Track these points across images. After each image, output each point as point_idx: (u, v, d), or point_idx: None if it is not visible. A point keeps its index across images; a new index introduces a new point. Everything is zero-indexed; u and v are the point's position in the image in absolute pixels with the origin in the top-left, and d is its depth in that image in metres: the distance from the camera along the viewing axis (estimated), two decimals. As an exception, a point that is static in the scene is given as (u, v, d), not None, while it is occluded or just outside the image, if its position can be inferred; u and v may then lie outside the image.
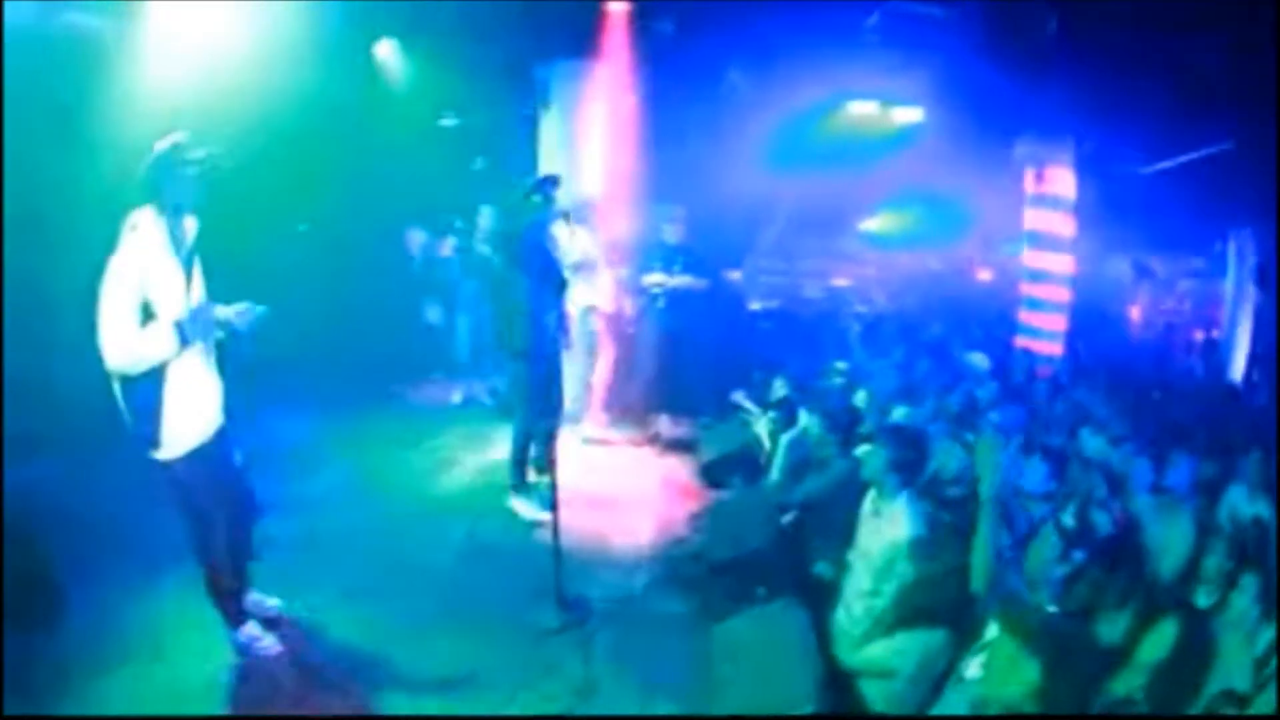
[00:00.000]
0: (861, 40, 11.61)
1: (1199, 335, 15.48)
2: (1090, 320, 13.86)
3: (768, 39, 11.31)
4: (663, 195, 10.79)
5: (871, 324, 12.99)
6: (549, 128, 10.53)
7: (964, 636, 4.98)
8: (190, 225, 5.03)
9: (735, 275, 14.05)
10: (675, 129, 11.59)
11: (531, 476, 8.09)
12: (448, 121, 11.30)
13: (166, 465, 5.07)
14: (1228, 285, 13.92)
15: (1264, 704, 4.38)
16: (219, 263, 5.25)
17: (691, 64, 11.53)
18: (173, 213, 4.90)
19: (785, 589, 5.89)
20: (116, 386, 4.89)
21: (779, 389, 8.78)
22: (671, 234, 10.35)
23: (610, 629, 6.16)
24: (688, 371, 10.62)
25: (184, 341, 4.84)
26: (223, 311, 5.15)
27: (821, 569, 6.20)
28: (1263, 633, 4.98)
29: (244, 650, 5.53)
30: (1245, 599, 5.10)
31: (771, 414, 8.54)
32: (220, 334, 5.21)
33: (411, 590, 6.42)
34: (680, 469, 9.35)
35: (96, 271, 4.67)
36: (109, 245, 4.72)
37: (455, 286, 11.14)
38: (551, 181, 7.61)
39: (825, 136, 13.63)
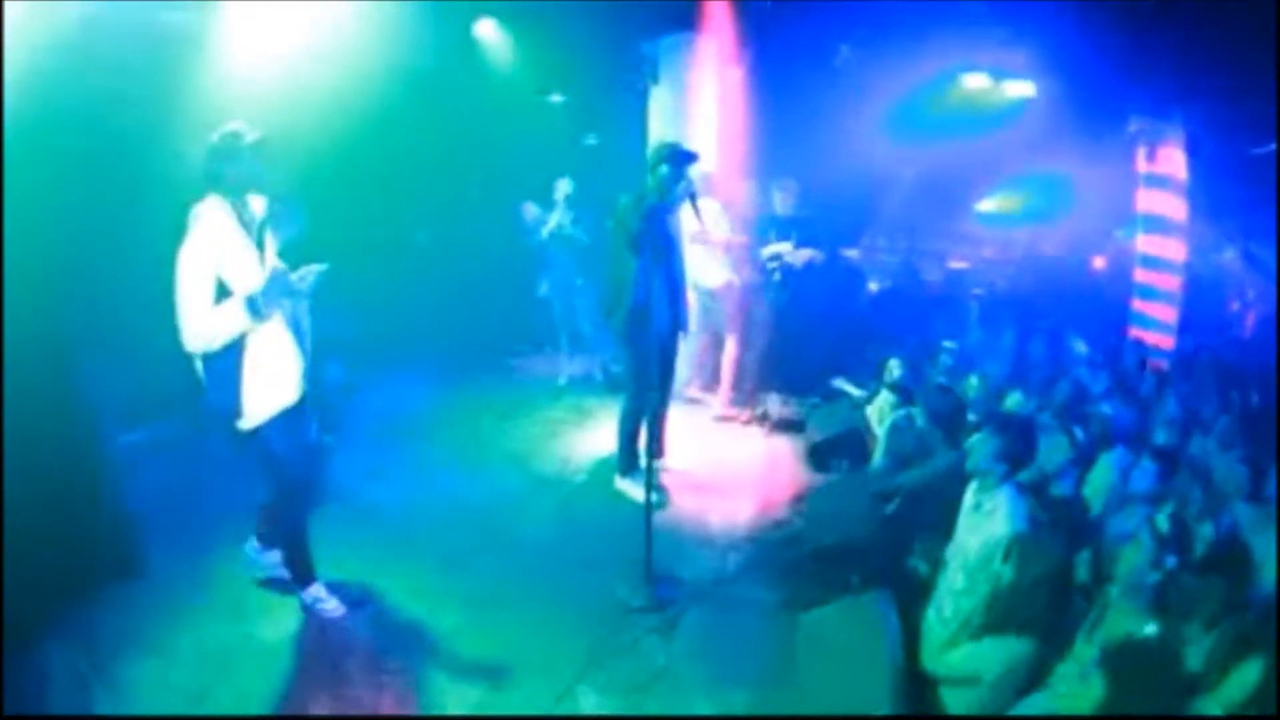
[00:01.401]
0: (971, 11, 11.17)
1: None
2: (1200, 312, 13.21)
3: (877, 10, 11.00)
4: (775, 170, 10.66)
5: (988, 306, 12.60)
6: (658, 103, 10.39)
7: (1057, 648, 4.74)
8: (258, 204, 5.25)
9: (853, 253, 13.75)
10: (785, 103, 11.45)
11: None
12: (556, 98, 11.22)
13: (250, 433, 5.24)
14: None
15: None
16: (341, 243, 5.73)
17: (800, 37, 11.30)
18: (237, 195, 5.11)
19: (880, 581, 5.71)
20: (198, 364, 5.09)
21: (893, 370, 8.59)
22: (782, 205, 10.23)
23: (696, 610, 6.07)
24: (801, 349, 10.46)
25: (255, 314, 5.01)
26: (292, 278, 5.27)
27: (917, 564, 5.99)
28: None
29: (308, 609, 5.75)
30: None
31: (885, 396, 8.33)
32: (292, 301, 5.36)
33: (502, 563, 6.46)
34: (787, 450, 9.17)
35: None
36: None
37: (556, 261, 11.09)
38: (685, 156, 7.46)
39: (939, 110, 13.23)
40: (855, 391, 9.16)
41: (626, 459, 7.95)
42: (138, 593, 5.81)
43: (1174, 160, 11.64)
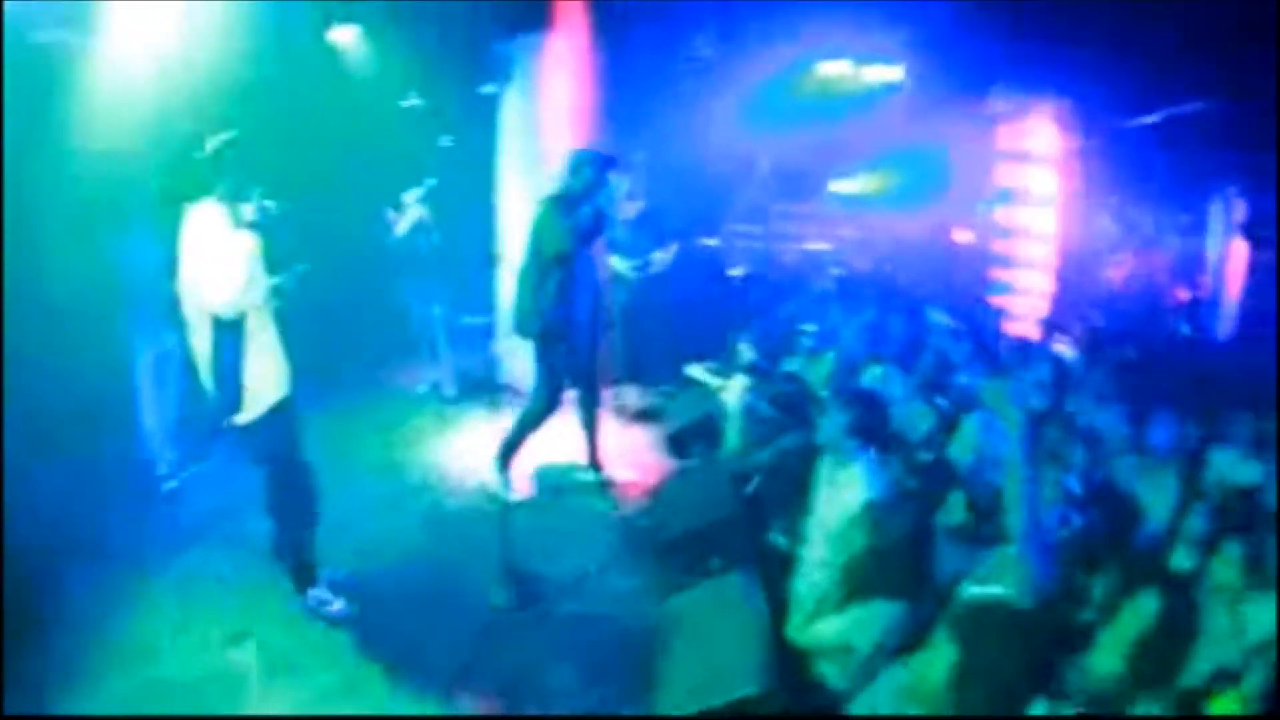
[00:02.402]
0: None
1: (1184, 294, 15.39)
2: (1072, 277, 13.73)
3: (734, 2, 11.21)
4: (629, 166, 10.62)
5: (844, 285, 12.84)
6: (511, 103, 10.36)
7: (925, 612, 4.80)
8: (248, 209, 5.52)
9: (712, 242, 13.89)
10: (641, 98, 11.46)
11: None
12: (411, 103, 11.13)
13: (247, 428, 5.55)
14: (1212, 243, 13.83)
15: (1252, 683, 4.25)
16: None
17: (655, 31, 11.31)
18: (230, 200, 5.46)
19: (742, 561, 5.82)
20: (203, 359, 5.48)
21: (744, 353, 8.66)
22: (630, 210, 10.35)
23: (564, 606, 6.16)
24: (659, 340, 10.50)
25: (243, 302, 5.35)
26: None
27: (778, 539, 6.09)
28: (1252, 605, 4.82)
29: (314, 612, 5.91)
30: (1229, 568, 4.94)
31: (738, 379, 8.35)
32: (276, 300, 5.68)
33: (373, 571, 6.45)
34: (645, 440, 9.26)
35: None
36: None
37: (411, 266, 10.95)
38: (605, 162, 7.62)
39: (797, 98, 13.50)
40: (709, 379, 9.19)
41: (505, 457, 7.92)
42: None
43: (1042, 135, 12.19)
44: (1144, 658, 4.67)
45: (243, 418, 5.51)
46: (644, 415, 9.81)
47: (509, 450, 7.88)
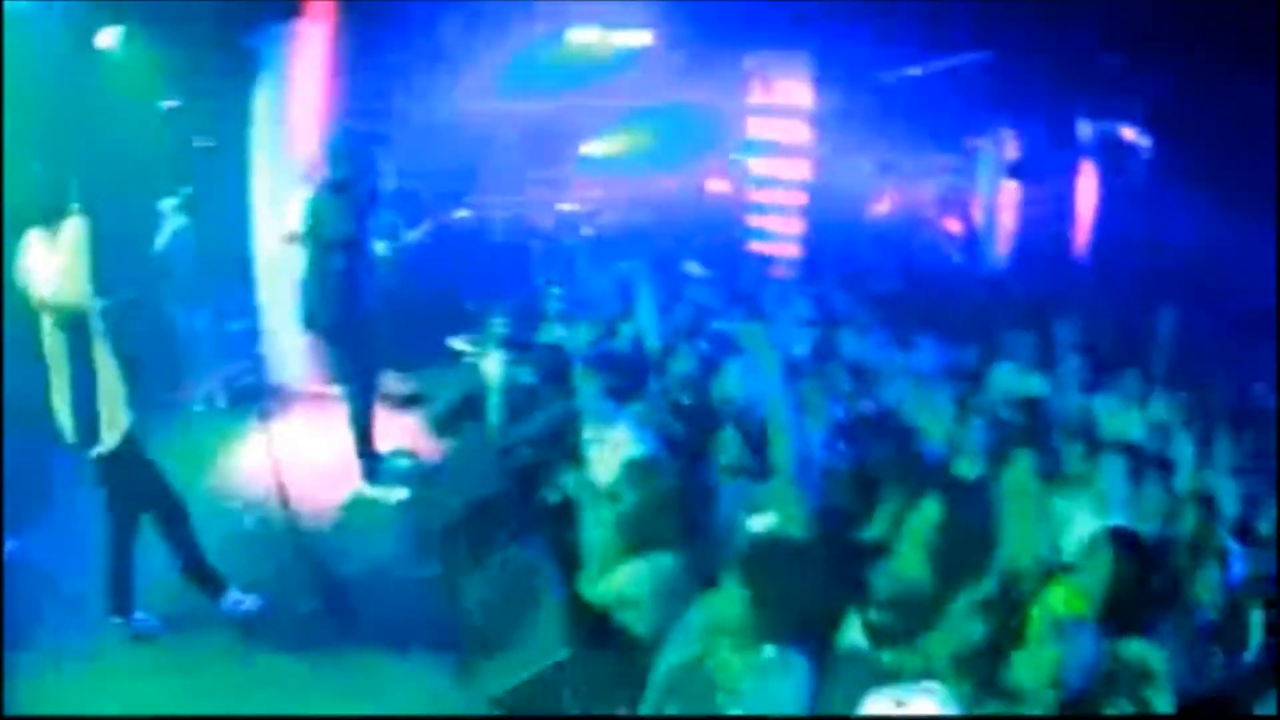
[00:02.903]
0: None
1: (957, 227, 16.32)
2: (830, 220, 14.37)
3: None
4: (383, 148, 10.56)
5: (599, 245, 13.10)
6: (263, 97, 10.23)
7: (709, 551, 5.01)
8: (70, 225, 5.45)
9: (464, 214, 13.88)
10: (390, 81, 11.42)
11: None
12: (171, 104, 10.69)
13: (105, 459, 5.60)
14: (983, 181, 14.93)
15: (1087, 580, 4.61)
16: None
17: (402, 14, 11.35)
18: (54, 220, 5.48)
19: (524, 531, 5.94)
20: (60, 394, 5.52)
21: (499, 326, 8.64)
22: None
23: (369, 601, 6.33)
24: (417, 322, 10.43)
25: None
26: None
27: (555, 504, 6.20)
28: (1065, 504, 5.36)
29: (231, 613, 6.09)
30: (1019, 472, 5.26)
31: (495, 353, 8.43)
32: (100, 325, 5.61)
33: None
34: (414, 424, 9.30)
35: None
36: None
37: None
38: (368, 140, 7.93)
39: (548, 67, 13.60)
40: (474, 349, 9.23)
41: (369, 464, 8.03)
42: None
43: (795, 90, 12.93)
44: (947, 558, 4.98)
45: (102, 449, 5.55)
46: (410, 400, 9.84)
47: (365, 451, 8.01)
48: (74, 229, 5.42)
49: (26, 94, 8.01)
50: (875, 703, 3.15)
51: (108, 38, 9.64)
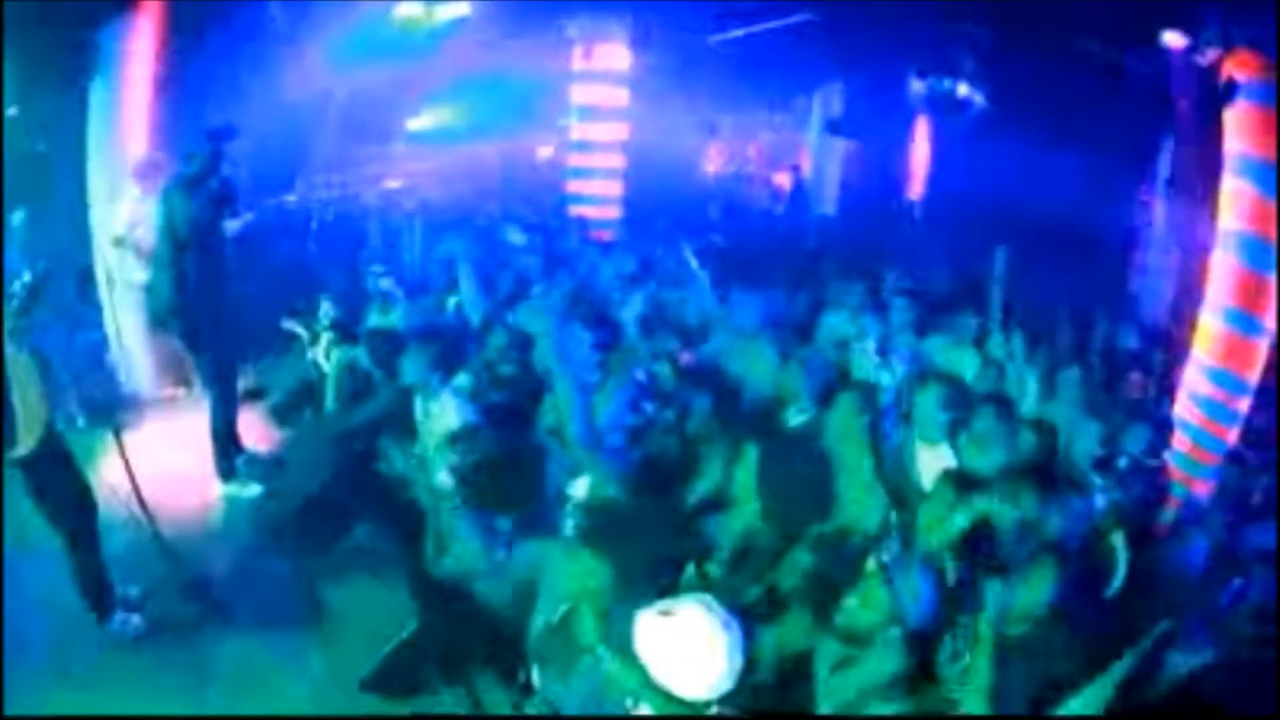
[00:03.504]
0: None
1: (783, 180, 16.68)
2: (654, 181, 14.58)
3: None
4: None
5: (421, 220, 13.05)
6: (97, 95, 9.82)
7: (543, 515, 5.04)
8: None
9: (290, 199, 13.66)
10: (215, 71, 11.10)
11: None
12: (11, 111, 10.22)
13: (26, 463, 5.50)
14: (810, 136, 15.30)
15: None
16: None
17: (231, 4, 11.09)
18: None
19: (368, 514, 6.09)
20: None
21: (327, 311, 8.70)
22: None
23: (241, 601, 6.23)
24: (248, 314, 10.25)
25: None
26: None
27: (396, 485, 6.24)
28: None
29: (119, 635, 5.84)
30: (844, 414, 5.50)
31: (326, 338, 8.46)
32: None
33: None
34: (253, 417, 9.01)
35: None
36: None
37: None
38: (225, 132, 7.58)
39: (370, 44, 13.23)
40: (303, 331, 9.12)
41: (226, 463, 7.84)
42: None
43: (614, 55, 13.08)
44: (783, 505, 5.16)
45: (20, 451, 5.45)
46: (249, 394, 9.44)
47: (225, 455, 7.82)
48: None
49: None
50: (645, 615, 3.23)
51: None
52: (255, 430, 8.80)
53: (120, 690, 5.50)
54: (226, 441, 7.93)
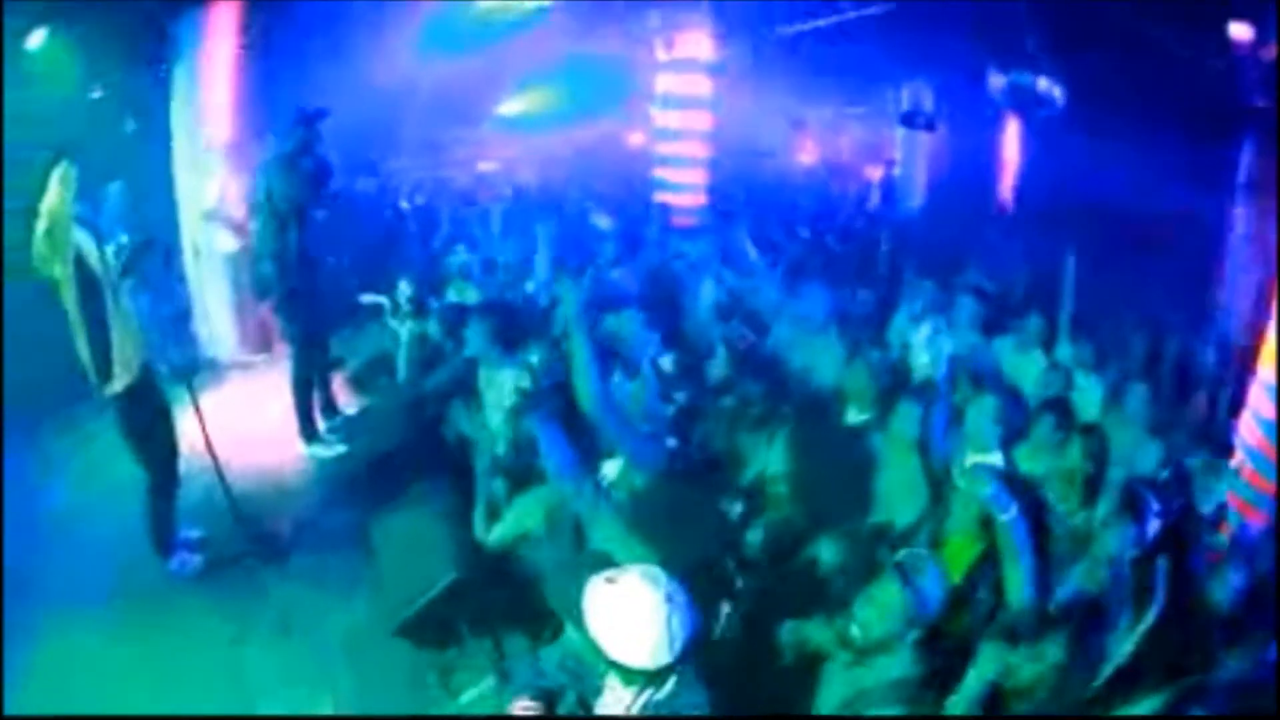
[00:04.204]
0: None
1: (875, 174, 16.75)
2: (737, 171, 14.89)
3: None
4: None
5: (509, 203, 13.31)
6: (180, 80, 10.34)
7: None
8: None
9: (371, 182, 14.03)
10: (302, 54, 11.46)
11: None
12: (96, 94, 10.69)
13: (118, 397, 6.06)
14: (899, 131, 15.50)
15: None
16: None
17: None
18: None
19: (429, 476, 6.25)
20: (77, 329, 5.85)
21: (404, 289, 8.84)
22: None
23: (298, 552, 6.95)
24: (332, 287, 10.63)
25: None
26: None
27: (459, 449, 6.62)
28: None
29: (178, 574, 6.51)
30: (902, 421, 5.61)
31: (404, 312, 8.69)
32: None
33: None
34: (334, 384, 9.44)
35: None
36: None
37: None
38: (316, 115, 8.03)
39: (459, 31, 13.65)
40: (385, 302, 9.44)
41: (309, 426, 8.41)
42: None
43: (697, 44, 13.37)
44: (821, 494, 5.43)
45: (112, 388, 5.99)
46: (331, 363, 9.77)
47: (307, 418, 8.38)
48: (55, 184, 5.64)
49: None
50: (593, 581, 3.35)
51: (36, 39, 9.68)
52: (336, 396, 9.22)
53: (170, 625, 6.03)
54: (311, 405, 8.42)
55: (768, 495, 5.66)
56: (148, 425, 6.30)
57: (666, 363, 6.45)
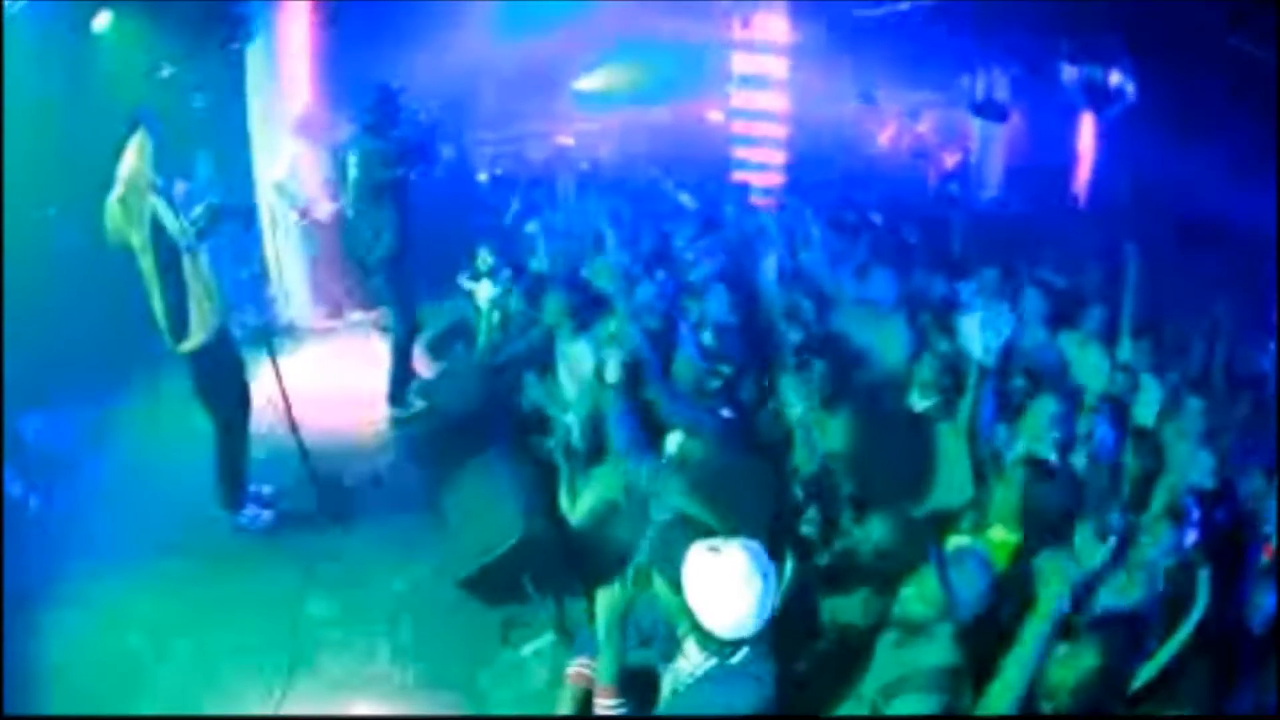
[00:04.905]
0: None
1: (952, 159, 16.84)
2: (812, 152, 15.05)
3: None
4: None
5: (584, 177, 13.57)
6: (254, 61, 10.74)
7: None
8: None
9: (448, 151, 14.28)
10: (378, 31, 11.77)
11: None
12: (164, 72, 11.04)
13: (193, 355, 6.43)
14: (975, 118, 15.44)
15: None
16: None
17: None
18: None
19: (500, 441, 6.53)
20: (154, 291, 6.23)
21: (485, 258, 9.23)
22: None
23: (365, 509, 7.31)
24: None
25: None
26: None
27: (532, 416, 6.95)
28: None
29: (248, 527, 6.94)
30: (962, 413, 5.76)
31: (484, 283, 8.94)
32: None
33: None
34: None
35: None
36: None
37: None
38: (393, 94, 8.46)
39: (534, 6, 13.86)
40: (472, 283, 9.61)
41: (399, 389, 8.80)
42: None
43: (773, 24, 13.68)
44: (879, 482, 5.57)
45: (188, 345, 6.35)
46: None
47: (399, 382, 8.76)
48: (132, 153, 6.05)
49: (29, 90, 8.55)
50: (695, 548, 3.59)
51: (101, 21, 9.99)
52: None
53: (233, 578, 6.35)
54: (408, 369, 8.81)
55: (827, 473, 5.72)
56: (221, 382, 6.67)
57: (707, 337, 6.77)
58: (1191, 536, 5.20)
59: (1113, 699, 4.34)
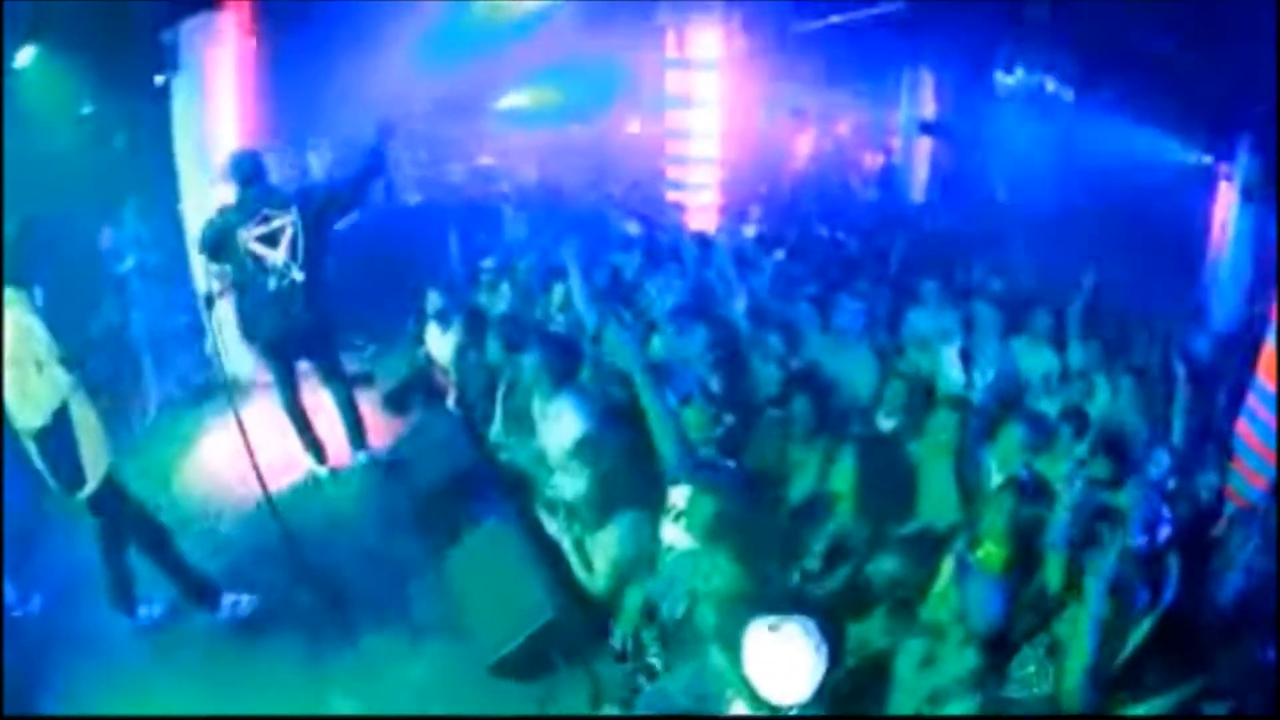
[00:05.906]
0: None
1: (874, 161, 17.19)
2: (745, 169, 15.24)
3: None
4: (304, 131, 11.16)
5: (521, 205, 13.70)
6: (180, 91, 10.43)
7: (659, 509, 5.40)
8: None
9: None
10: (309, 61, 11.73)
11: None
12: (86, 109, 10.82)
13: (92, 498, 6.08)
14: (900, 116, 15.97)
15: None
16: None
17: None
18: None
19: (496, 504, 6.62)
20: (30, 445, 5.87)
21: (434, 301, 9.15)
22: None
23: (360, 583, 6.92)
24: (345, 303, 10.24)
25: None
26: None
27: (521, 478, 6.93)
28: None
29: (231, 619, 6.61)
30: (936, 429, 6.05)
31: (434, 328, 8.99)
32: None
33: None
34: (364, 405, 9.17)
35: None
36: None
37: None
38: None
39: (465, 29, 13.84)
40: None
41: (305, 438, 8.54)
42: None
43: (706, 42, 13.55)
44: (874, 506, 5.82)
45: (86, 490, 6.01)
46: (356, 380, 9.58)
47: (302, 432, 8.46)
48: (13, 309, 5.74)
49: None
50: (755, 626, 3.78)
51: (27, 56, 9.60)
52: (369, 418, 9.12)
53: (236, 676, 6.16)
54: (359, 424, 8.54)
55: (824, 504, 6.01)
56: (116, 518, 6.35)
57: (713, 384, 6.72)
58: (1165, 532, 5.53)
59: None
